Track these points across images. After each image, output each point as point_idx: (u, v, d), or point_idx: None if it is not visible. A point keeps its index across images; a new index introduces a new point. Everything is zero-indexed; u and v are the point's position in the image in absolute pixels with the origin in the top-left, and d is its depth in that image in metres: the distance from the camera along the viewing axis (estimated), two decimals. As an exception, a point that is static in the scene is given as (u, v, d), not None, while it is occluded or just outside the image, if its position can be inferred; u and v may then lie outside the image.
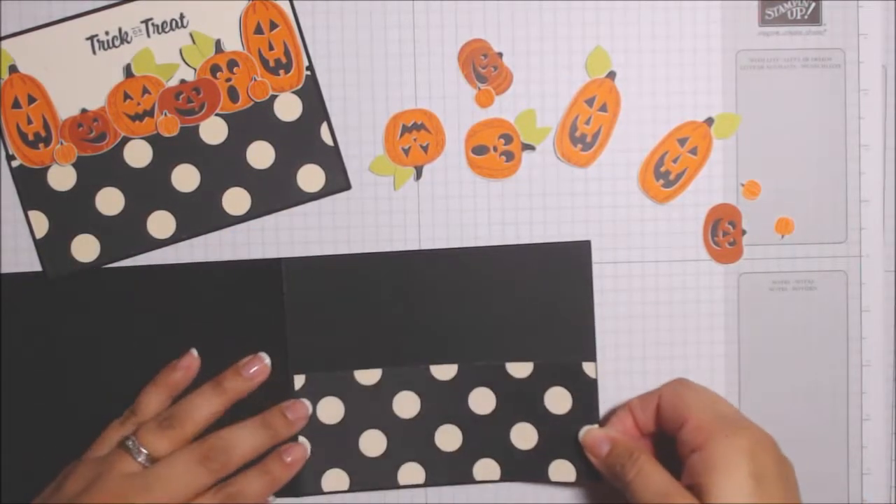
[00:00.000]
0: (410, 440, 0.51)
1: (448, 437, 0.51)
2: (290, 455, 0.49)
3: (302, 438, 0.50)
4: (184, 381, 0.49)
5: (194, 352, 0.50)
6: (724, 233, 0.51)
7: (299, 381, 0.51)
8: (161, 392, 0.49)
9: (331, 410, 0.51)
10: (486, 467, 0.51)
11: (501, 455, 0.51)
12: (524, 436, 0.51)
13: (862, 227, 0.52)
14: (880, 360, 0.52)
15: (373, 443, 0.51)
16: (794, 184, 0.51)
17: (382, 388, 0.51)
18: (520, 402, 0.51)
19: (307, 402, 0.50)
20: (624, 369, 0.52)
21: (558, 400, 0.51)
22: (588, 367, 0.51)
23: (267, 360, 0.50)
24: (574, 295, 0.51)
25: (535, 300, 0.51)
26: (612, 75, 0.51)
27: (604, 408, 0.51)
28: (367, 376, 0.51)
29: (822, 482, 0.52)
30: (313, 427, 0.51)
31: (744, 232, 0.51)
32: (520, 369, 0.51)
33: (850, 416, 0.52)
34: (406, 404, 0.51)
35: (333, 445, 0.51)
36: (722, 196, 0.51)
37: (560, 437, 0.51)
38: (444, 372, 0.51)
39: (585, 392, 0.51)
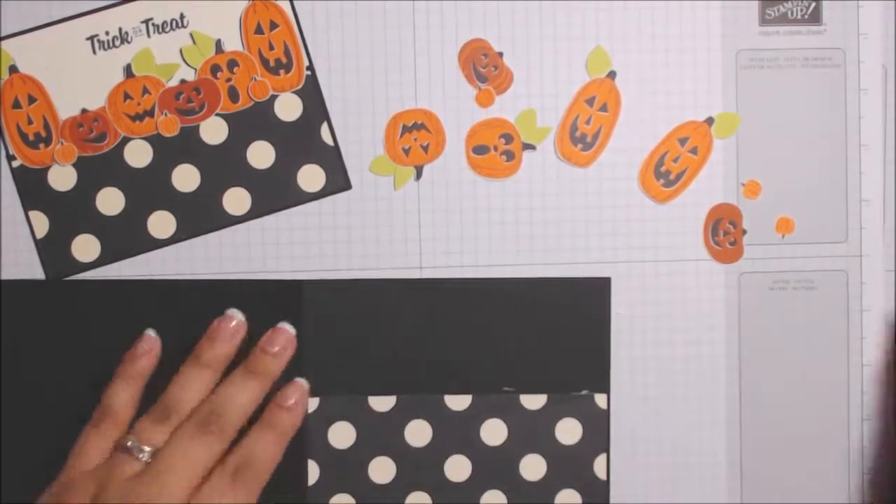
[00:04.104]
0: (420, 469, 0.51)
1: (457, 468, 0.51)
2: (289, 398, 0.46)
3: (301, 380, 0.49)
4: (149, 367, 0.47)
5: (151, 332, 0.48)
6: (724, 232, 0.51)
7: (313, 403, 0.50)
8: (129, 385, 0.46)
9: (342, 435, 0.51)
10: (492, 498, 0.51)
11: (509, 486, 0.51)
12: (533, 467, 0.51)
13: (862, 227, 0.52)
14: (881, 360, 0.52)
15: (382, 470, 0.51)
16: (794, 183, 0.51)
17: (395, 416, 0.51)
18: (531, 433, 0.51)
19: (286, 326, 0.48)
20: (625, 369, 0.52)
21: (569, 431, 0.51)
22: (600, 399, 0.51)
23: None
24: (591, 330, 0.51)
25: (552, 334, 0.51)
26: (612, 75, 0.51)
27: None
28: (381, 403, 0.51)
29: (823, 482, 0.52)
30: (323, 451, 0.50)
31: (744, 231, 0.51)
32: (534, 401, 0.51)
33: (851, 416, 0.52)
34: (418, 433, 0.51)
35: (343, 470, 0.51)
36: (722, 196, 0.51)
37: (568, 467, 0.51)
38: (457, 402, 0.51)
39: (596, 423, 0.51)
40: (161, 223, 0.50)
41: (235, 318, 0.47)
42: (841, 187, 0.52)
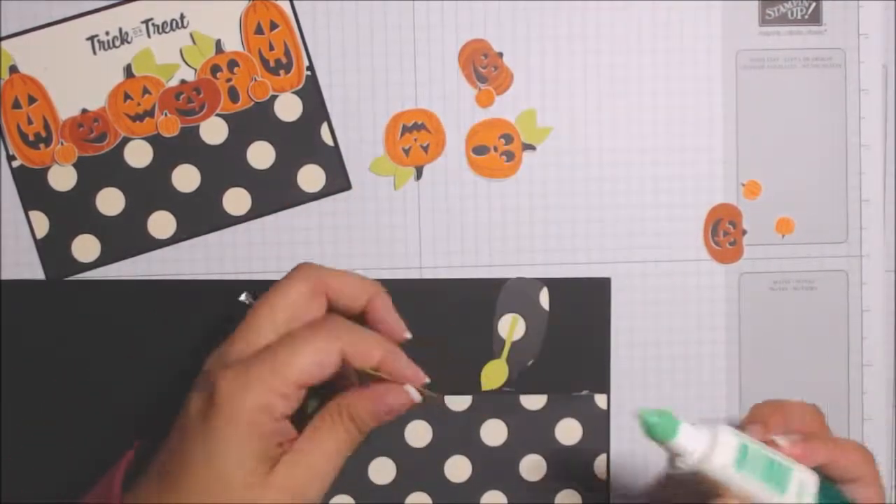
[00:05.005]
0: (420, 470, 0.51)
1: (457, 468, 0.51)
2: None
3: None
4: None
5: None
6: (724, 233, 0.51)
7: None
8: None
9: None
10: (493, 499, 0.51)
11: (509, 487, 0.51)
12: (533, 467, 0.51)
13: (862, 227, 0.52)
14: (881, 360, 0.52)
15: (382, 470, 0.51)
16: (794, 183, 0.51)
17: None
18: (531, 433, 0.51)
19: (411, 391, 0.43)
20: (625, 369, 0.52)
21: (569, 431, 0.51)
22: (600, 399, 0.51)
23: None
24: (592, 330, 0.51)
25: (552, 334, 0.51)
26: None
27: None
28: None
29: (823, 482, 0.52)
30: None
31: (744, 232, 0.51)
32: (534, 402, 0.51)
33: (851, 416, 0.52)
34: (418, 433, 0.51)
35: (342, 471, 0.50)
36: (722, 196, 0.51)
37: (568, 467, 0.51)
38: (457, 402, 0.51)
39: (596, 423, 0.51)
40: (161, 223, 0.50)
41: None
42: (841, 187, 0.52)
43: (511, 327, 0.50)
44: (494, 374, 0.51)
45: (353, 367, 0.40)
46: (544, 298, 0.51)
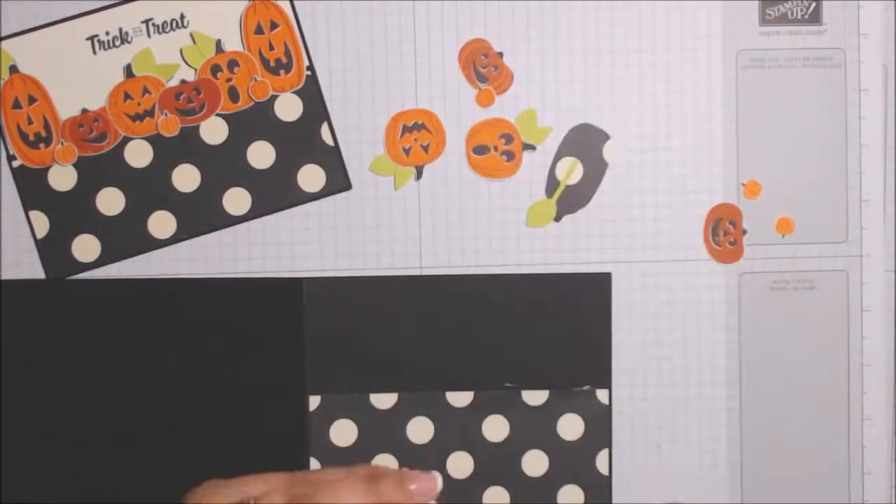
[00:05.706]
0: (422, 466, 0.51)
1: (460, 464, 0.51)
2: (415, 483, 0.39)
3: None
4: None
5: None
6: (724, 232, 0.51)
7: (314, 401, 0.50)
8: None
9: (344, 433, 0.51)
10: (495, 495, 0.51)
11: (511, 482, 0.51)
12: (535, 463, 0.51)
13: (862, 227, 0.52)
14: (881, 360, 0.52)
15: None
16: (794, 183, 0.51)
17: (397, 413, 0.51)
18: (533, 429, 0.51)
19: (437, 476, 0.40)
20: (626, 368, 0.52)
21: (571, 426, 0.51)
22: (601, 394, 0.51)
23: (440, 482, 0.39)
24: (593, 325, 0.51)
25: (554, 329, 0.51)
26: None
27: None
28: (383, 400, 0.51)
29: (823, 482, 0.52)
30: (325, 449, 0.51)
31: (744, 231, 0.51)
32: (535, 397, 0.51)
33: (851, 416, 0.52)
34: (420, 430, 0.51)
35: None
36: (723, 196, 0.51)
37: (570, 463, 0.51)
38: (459, 398, 0.51)
39: (598, 418, 0.51)
40: (161, 223, 0.50)
41: (436, 482, 0.39)
42: (841, 187, 0.52)
43: (568, 171, 0.50)
44: (542, 213, 0.51)
45: None
46: (608, 151, 0.50)
